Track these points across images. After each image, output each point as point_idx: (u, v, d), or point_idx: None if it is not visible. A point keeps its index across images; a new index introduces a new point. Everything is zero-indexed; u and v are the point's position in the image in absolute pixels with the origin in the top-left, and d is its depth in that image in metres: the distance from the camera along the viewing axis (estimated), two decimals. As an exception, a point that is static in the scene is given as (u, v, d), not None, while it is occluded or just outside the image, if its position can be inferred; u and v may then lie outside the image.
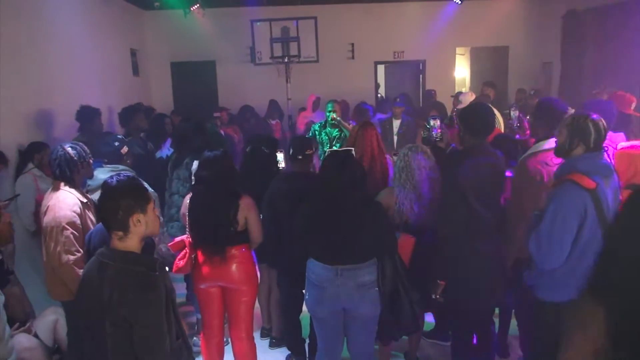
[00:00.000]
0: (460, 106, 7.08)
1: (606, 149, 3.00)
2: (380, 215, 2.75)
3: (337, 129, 5.32)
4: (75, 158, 2.98)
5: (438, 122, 3.26)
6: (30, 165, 4.20)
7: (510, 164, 3.17)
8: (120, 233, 1.96)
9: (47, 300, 3.68)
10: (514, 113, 3.92)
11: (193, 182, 3.12)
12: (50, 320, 3.46)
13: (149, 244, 2.86)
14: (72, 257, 2.90)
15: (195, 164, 3.75)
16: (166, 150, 5.23)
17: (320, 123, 5.69)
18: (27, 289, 3.90)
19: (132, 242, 1.99)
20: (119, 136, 3.81)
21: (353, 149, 3.18)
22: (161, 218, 3.73)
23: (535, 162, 2.87)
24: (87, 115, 4.90)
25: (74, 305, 2.78)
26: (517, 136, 4.01)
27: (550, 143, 2.76)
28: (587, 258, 2.29)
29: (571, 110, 3.02)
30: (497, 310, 3.44)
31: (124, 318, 1.86)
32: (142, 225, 1.98)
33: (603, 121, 2.41)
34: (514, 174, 3.05)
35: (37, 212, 3.98)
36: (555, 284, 2.42)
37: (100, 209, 2.02)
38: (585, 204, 2.29)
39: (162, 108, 7.97)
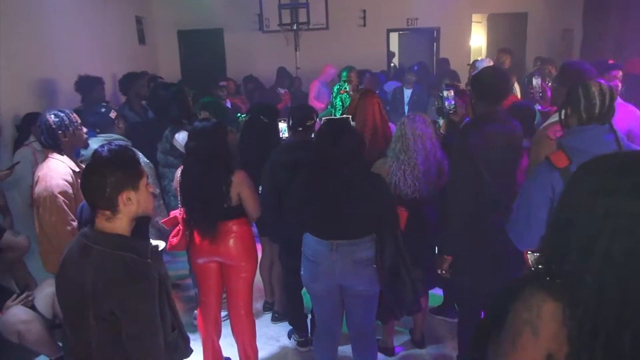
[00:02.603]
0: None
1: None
2: (381, 188, 2.57)
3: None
4: (54, 126, 2.85)
5: (452, 93, 3.05)
6: (32, 137, 4.10)
7: (528, 134, 2.96)
8: (108, 213, 1.72)
9: (46, 272, 3.63)
10: (537, 81, 3.58)
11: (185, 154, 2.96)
12: (48, 293, 3.38)
13: (143, 217, 2.75)
14: (68, 228, 2.81)
15: (178, 135, 3.61)
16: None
17: (340, 86, 5.47)
18: (27, 261, 3.85)
19: (121, 224, 1.74)
20: (103, 103, 3.68)
21: (350, 117, 3.02)
22: (157, 190, 3.61)
23: (556, 132, 2.62)
24: (86, 85, 4.76)
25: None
26: (540, 107, 3.70)
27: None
28: None
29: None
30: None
31: (110, 311, 1.64)
32: (134, 204, 1.74)
33: (603, 87, 2.09)
34: (533, 143, 2.84)
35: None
36: None
37: (84, 184, 1.76)
38: (553, 184, 2.03)
39: (170, 77, 7.79)
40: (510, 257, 2.72)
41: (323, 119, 2.83)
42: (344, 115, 2.71)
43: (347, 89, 5.24)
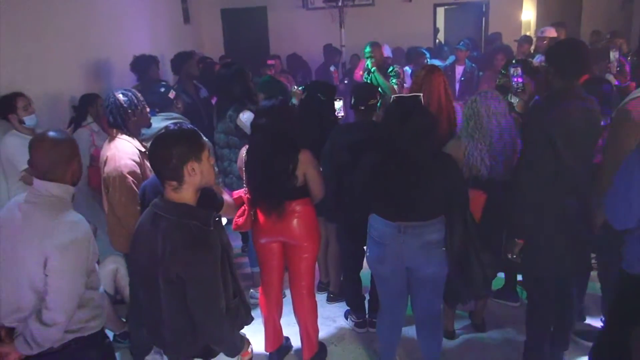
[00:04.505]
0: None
1: None
2: (451, 168, 2.48)
3: (394, 80, 4.88)
4: (126, 105, 2.85)
5: (519, 70, 2.90)
6: (89, 119, 4.17)
7: (605, 112, 2.79)
8: (174, 183, 1.83)
9: (105, 250, 3.71)
10: (614, 55, 3.38)
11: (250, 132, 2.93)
12: (110, 270, 3.48)
13: (209, 194, 2.75)
14: (138, 207, 2.83)
15: (243, 115, 3.58)
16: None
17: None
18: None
19: (187, 194, 1.85)
20: (162, 82, 3.68)
21: (421, 94, 2.90)
22: (216, 168, 3.61)
23: (640, 107, 2.45)
24: (142, 65, 4.82)
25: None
26: (617, 82, 3.50)
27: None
28: None
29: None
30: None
31: (176, 275, 1.75)
32: (197, 174, 1.83)
33: None
34: (613, 121, 2.67)
35: (92, 167, 3.98)
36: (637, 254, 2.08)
37: (152, 157, 1.86)
38: None
39: (214, 56, 7.81)
40: (586, 242, 2.62)
41: (393, 96, 2.74)
42: (415, 93, 2.60)
43: (369, 66, 4.90)
